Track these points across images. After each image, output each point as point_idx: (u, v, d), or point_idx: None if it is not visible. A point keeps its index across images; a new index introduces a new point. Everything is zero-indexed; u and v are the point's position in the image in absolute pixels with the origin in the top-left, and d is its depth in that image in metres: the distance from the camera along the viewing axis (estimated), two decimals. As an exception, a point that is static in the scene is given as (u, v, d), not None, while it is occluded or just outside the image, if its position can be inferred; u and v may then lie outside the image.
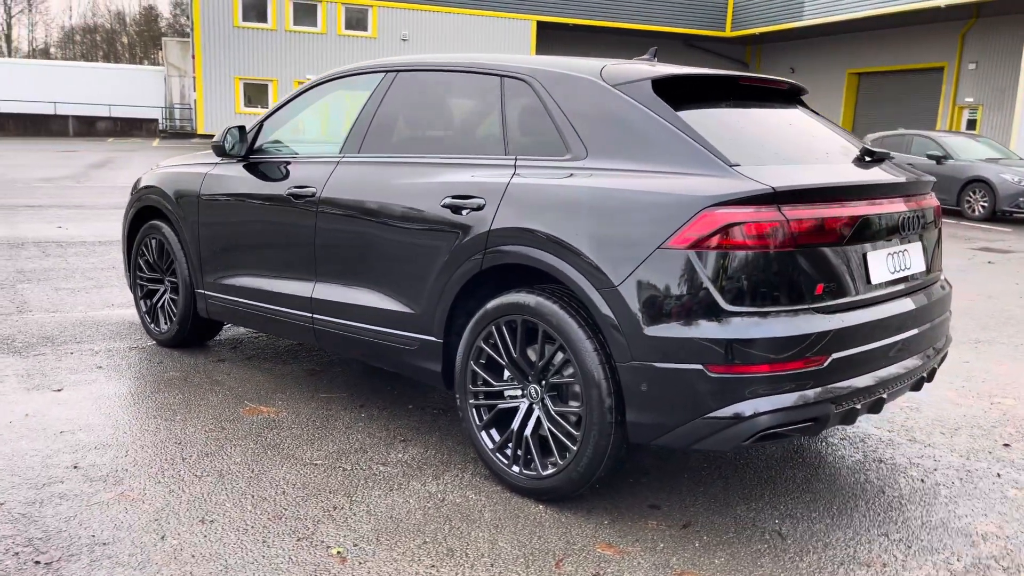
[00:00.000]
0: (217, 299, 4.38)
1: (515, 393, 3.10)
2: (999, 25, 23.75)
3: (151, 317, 4.88)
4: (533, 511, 2.96)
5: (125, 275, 5.20)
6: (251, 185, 4.14)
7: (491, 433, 3.16)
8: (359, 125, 3.77)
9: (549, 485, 2.96)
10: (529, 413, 3.05)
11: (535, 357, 3.01)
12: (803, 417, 2.67)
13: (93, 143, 28.67)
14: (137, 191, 4.92)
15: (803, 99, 3.71)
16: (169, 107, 39.49)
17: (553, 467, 2.95)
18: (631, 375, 2.72)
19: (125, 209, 5.09)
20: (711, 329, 2.61)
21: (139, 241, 4.90)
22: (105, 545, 2.61)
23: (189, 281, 4.55)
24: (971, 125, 24.75)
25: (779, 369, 2.61)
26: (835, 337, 2.70)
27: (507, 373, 3.12)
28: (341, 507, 2.93)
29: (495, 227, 3.06)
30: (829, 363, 2.69)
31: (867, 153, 3.20)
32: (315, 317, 3.80)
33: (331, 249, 3.71)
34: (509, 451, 3.09)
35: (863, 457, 3.58)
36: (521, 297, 3.00)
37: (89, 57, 60.08)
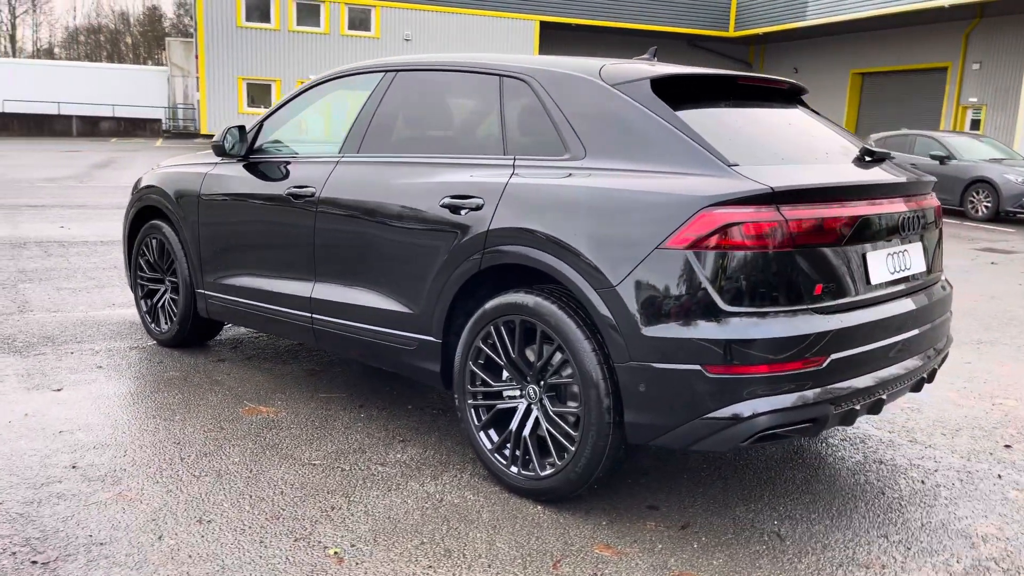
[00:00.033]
0: (217, 299, 4.38)
1: (513, 393, 3.10)
2: (1003, 25, 23.69)
3: (152, 317, 4.89)
4: (531, 512, 2.96)
5: (126, 275, 5.20)
6: (251, 185, 4.14)
7: (489, 433, 3.16)
8: (358, 125, 3.77)
9: (547, 486, 2.96)
10: (527, 413, 3.04)
11: (533, 357, 3.00)
12: (802, 418, 2.66)
13: (96, 143, 28.71)
14: (138, 191, 4.93)
15: (804, 99, 3.70)
16: (172, 107, 39.57)
17: (551, 467, 2.94)
18: (629, 375, 2.71)
19: (126, 209, 5.10)
20: (709, 329, 2.60)
21: (140, 241, 4.90)
22: (102, 545, 2.60)
23: (189, 281, 4.55)
24: (975, 125, 24.69)
25: (778, 370, 2.60)
26: (834, 338, 2.69)
27: (505, 373, 3.12)
28: (339, 507, 2.93)
29: (493, 227, 3.05)
30: (828, 364, 2.68)
31: (867, 153, 3.18)
32: (314, 317, 3.79)
33: (330, 249, 3.71)
34: (507, 451, 3.09)
35: (863, 458, 3.56)
36: (519, 297, 2.99)
37: (93, 57, 60.22)
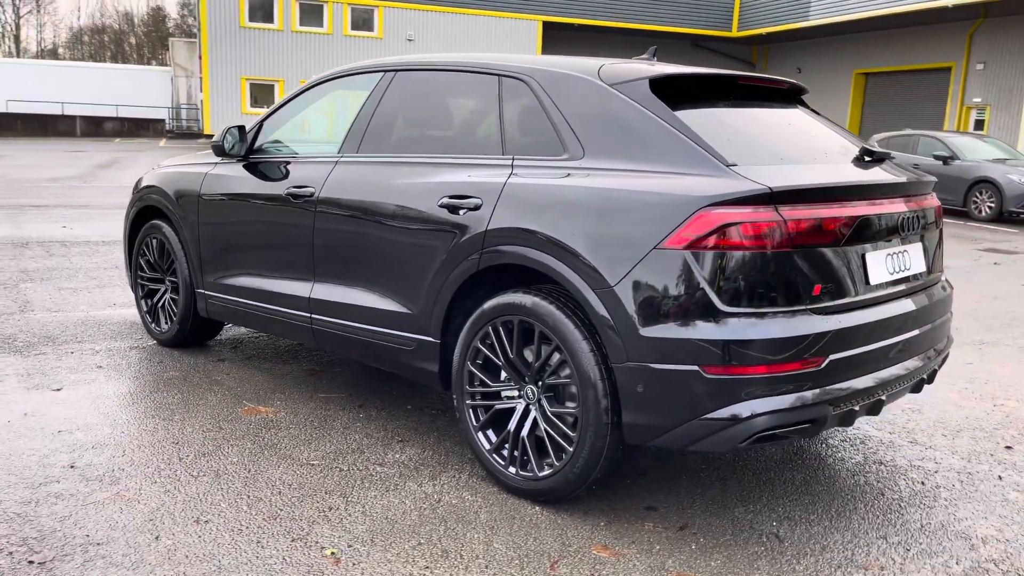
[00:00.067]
0: (217, 299, 4.38)
1: (512, 394, 3.09)
2: (1007, 25, 23.62)
3: (152, 317, 4.89)
4: (529, 512, 2.95)
5: (126, 275, 5.21)
6: (250, 185, 4.14)
7: (488, 434, 3.15)
8: (357, 125, 3.77)
9: (545, 486, 2.95)
10: (526, 414, 3.04)
11: (532, 358, 3.00)
12: (800, 419, 2.65)
13: (100, 143, 28.76)
14: (138, 191, 4.93)
15: (804, 99, 3.69)
16: (176, 107, 39.64)
17: (549, 468, 2.93)
18: (627, 376, 2.70)
19: (126, 209, 5.10)
20: (707, 330, 2.59)
21: (140, 241, 4.90)
22: (99, 545, 2.60)
23: (189, 281, 4.55)
24: (979, 125, 24.62)
25: (776, 370, 2.59)
26: (833, 338, 2.68)
27: (504, 374, 3.11)
28: (336, 508, 2.92)
29: (492, 227, 3.04)
30: (827, 364, 2.67)
31: (867, 153, 3.17)
32: (313, 317, 3.79)
33: (329, 249, 3.71)
34: (506, 452, 3.08)
35: (863, 459, 3.55)
36: (517, 297, 2.98)
37: (97, 58, 60.36)
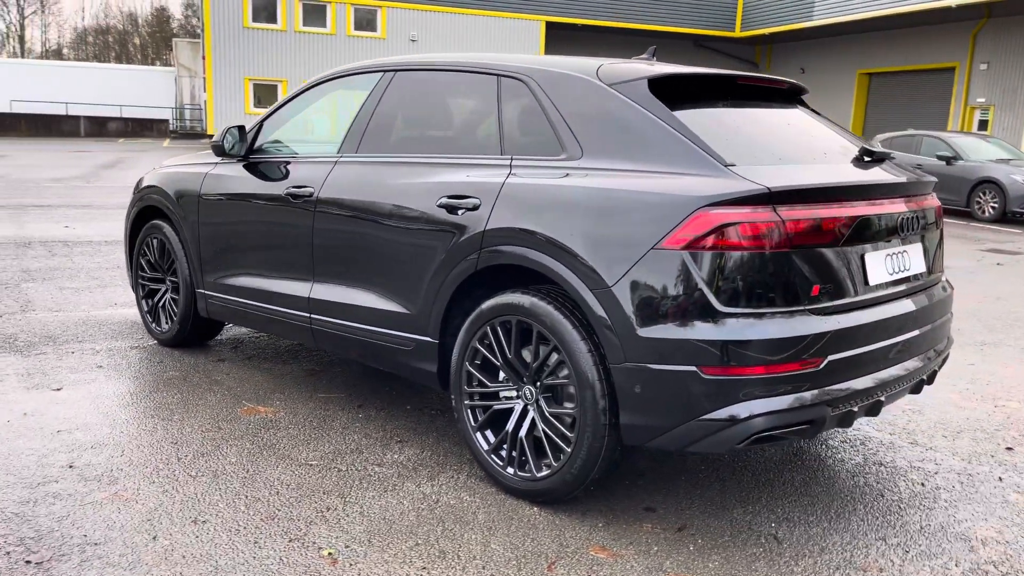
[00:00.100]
0: (217, 299, 4.38)
1: (510, 394, 3.09)
2: (1011, 25, 23.57)
3: (152, 316, 4.89)
4: (527, 513, 2.94)
5: (127, 274, 5.21)
6: (250, 185, 4.14)
7: (486, 434, 3.15)
8: (357, 125, 3.77)
9: (543, 487, 2.94)
10: (524, 414, 3.03)
11: (530, 358, 2.99)
12: (799, 420, 2.64)
13: (104, 143, 28.82)
14: (139, 191, 4.94)
15: (804, 99, 3.68)
16: (179, 107, 39.70)
17: (547, 469, 2.93)
18: (625, 376, 2.70)
19: (127, 209, 5.10)
20: (705, 330, 2.59)
21: (141, 241, 4.91)
22: (96, 545, 2.60)
23: (189, 281, 4.55)
24: (983, 126, 24.57)
25: (774, 371, 2.58)
26: (832, 339, 2.67)
27: (502, 374, 3.10)
28: (334, 508, 2.92)
29: (490, 227, 3.04)
30: (825, 365, 2.66)
31: (867, 153, 3.16)
32: (312, 317, 3.79)
33: (328, 249, 3.71)
34: (504, 452, 3.07)
35: (863, 460, 3.54)
36: (516, 298, 2.98)
37: (101, 58, 60.46)
